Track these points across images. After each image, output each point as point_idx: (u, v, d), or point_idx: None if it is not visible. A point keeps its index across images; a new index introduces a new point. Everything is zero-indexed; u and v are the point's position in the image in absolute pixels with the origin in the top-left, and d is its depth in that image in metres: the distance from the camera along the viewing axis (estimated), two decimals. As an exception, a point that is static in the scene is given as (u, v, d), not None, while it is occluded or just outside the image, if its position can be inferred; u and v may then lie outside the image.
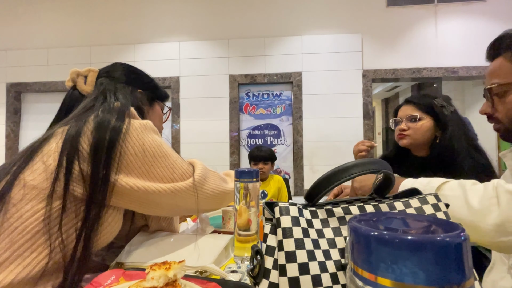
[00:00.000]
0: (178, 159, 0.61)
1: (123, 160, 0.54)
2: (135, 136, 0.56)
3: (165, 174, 0.57)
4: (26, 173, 0.51)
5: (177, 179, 0.59)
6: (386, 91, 5.67)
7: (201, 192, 0.62)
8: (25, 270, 0.46)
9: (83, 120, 0.56)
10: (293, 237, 0.38)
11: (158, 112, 0.82)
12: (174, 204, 0.60)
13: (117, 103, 0.62)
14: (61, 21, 3.29)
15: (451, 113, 1.05)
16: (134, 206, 0.58)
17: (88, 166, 0.52)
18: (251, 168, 0.58)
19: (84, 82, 0.71)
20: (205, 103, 3.07)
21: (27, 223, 0.48)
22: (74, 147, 0.52)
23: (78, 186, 0.51)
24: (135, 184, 0.54)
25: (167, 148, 0.60)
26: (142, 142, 0.56)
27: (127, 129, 0.56)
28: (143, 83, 0.77)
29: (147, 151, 0.56)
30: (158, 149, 0.58)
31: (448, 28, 2.88)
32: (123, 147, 0.54)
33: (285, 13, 3.03)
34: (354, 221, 0.30)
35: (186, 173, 0.61)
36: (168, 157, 0.59)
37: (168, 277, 0.40)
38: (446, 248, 0.24)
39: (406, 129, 1.09)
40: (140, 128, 0.58)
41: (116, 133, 0.54)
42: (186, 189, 0.59)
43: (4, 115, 3.29)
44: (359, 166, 0.43)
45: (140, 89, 0.75)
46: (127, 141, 0.55)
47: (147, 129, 0.59)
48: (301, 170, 2.93)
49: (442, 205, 0.45)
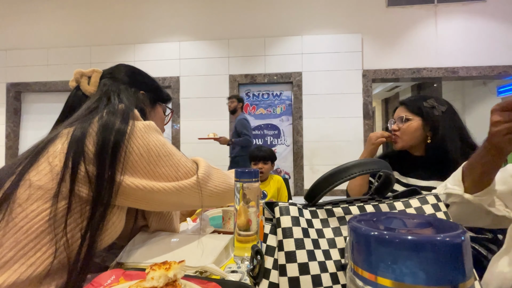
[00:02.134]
0: (182, 158, 0.62)
1: (128, 161, 0.55)
2: (139, 136, 0.57)
3: (170, 172, 0.58)
4: (32, 174, 0.52)
5: (182, 177, 0.60)
6: (386, 91, 5.67)
7: (205, 190, 0.63)
8: (29, 270, 0.47)
9: (88, 121, 0.57)
10: (293, 237, 0.38)
11: (160, 114, 0.83)
12: (179, 201, 0.62)
13: (121, 105, 0.63)
14: (61, 21, 3.29)
15: (443, 113, 1.06)
16: (139, 204, 0.59)
17: (93, 167, 0.53)
18: (251, 168, 0.58)
19: (88, 83, 0.72)
20: (205, 103, 3.07)
21: (32, 222, 0.48)
22: (80, 148, 0.53)
23: (83, 187, 0.52)
24: (141, 184, 0.55)
25: (171, 147, 0.61)
26: (147, 142, 0.57)
27: (132, 131, 0.57)
28: (145, 84, 0.77)
29: (152, 151, 0.57)
30: (163, 148, 0.59)
31: (448, 28, 2.88)
32: (128, 147, 0.55)
33: (285, 13, 3.03)
34: (354, 221, 0.30)
35: (191, 171, 0.61)
36: (172, 156, 0.60)
37: (168, 277, 0.40)
38: (446, 248, 0.24)
39: (397, 129, 1.12)
40: (144, 128, 0.58)
41: (121, 135, 0.55)
42: (190, 187, 0.60)
43: (4, 115, 3.29)
44: (359, 166, 0.43)
45: (142, 91, 0.75)
46: (132, 142, 0.56)
47: (151, 130, 0.60)
48: (301, 170, 2.93)
49: (442, 205, 0.45)
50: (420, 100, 1.11)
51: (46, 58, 3.28)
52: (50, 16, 3.30)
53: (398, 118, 1.13)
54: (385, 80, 3.04)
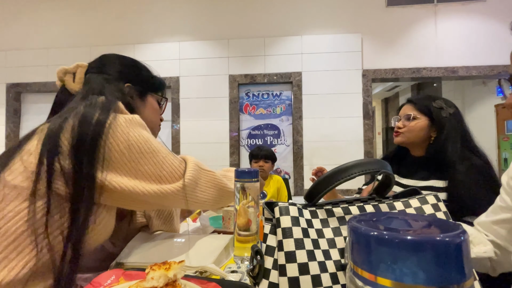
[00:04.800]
0: (169, 156, 0.58)
1: (108, 157, 0.51)
2: (119, 131, 0.53)
3: (153, 171, 0.54)
4: (7, 173, 0.50)
5: (166, 177, 0.55)
6: (386, 91, 5.66)
7: (192, 196, 0.58)
8: (11, 273, 0.45)
9: (63, 116, 0.54)
10: (293, 237, 0.38)
11: (152, 105, 0.76)
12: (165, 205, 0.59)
13: (101, 98, 0.59)
14: (61, 21, 3.29)
15: (450, 115, 1.06)
16: (124, 203, 0.56)
17: (69, 163, 0.50)
18: (251, 168, 0.58)
19: (73, 80, 0.68)
20: (205, 103, 3.07)
21: (10, 224, 0.47)
22: (55, 143, 0.50)
23: (60, 184, 0.50)
24: (123, 184, 0.52)
25: (156, 144, 0.57)
26: (127, 137, 0.53)
27: (111, 124, 0.53)
28: (132, 76, 0.72)
29: (133, 147, 0.53)
30: (145, 144, 0.54)
31: (448, 28, 2.88)
32: (107, 143, 0.51)
33: (285, 13, 3.03)
34: (354, 221, 0.30)
35: (177, 170, 0.57)
36: (157, 153, 0.55)
37: (168, 277, 0.40)
38: (446, 248, 0.24)
39: (401, 127, 1.11)
40: (126, 122, 0.54)
41: (99, 128, 0.51)
42: (174, 193, 0.55)
43: (4, 116, 3.29)
44: (359, 166, 0.43)
45: (128, 83, 0.70)
46: (111, 136, 0.52)
47: (133, 124, 0.55)
48: (301, 170, 2.93)
49: (442, 205, 0.45)
50: (429, 100, 1.10)
51: (46, 59, 3.28)
52: (50, 16, 3.30)
53: (404, 115, 1.12)
54: (385, 80, 3.04)
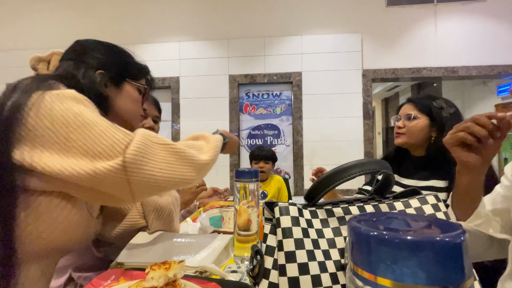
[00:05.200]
0: (109, 128, 0.49)
1: (33, 135, 0.46)
2: (42, 107, 0.47)
3: (86, 147, 0.46)
4: None
5: (102, 153, 0.46)
6: (386, 91, 5.66)
7: (138, 177, 0.48)
8: None
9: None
10: (293, 237, 0.38)
11: (131, 94, 0.69)
12: (101, 190, 0.49)
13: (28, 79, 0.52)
14: (61, 21, 3.29)
15: (451, 115, 1.05)
16: (61, 188, 0.49)
17: None
18: (251, 168, 0.58)
19: (47, 68, 0.63)
20: (205, 103, 3.07)
21: None
22: None
23: None
24: (51, 163, 0.45)
25: (92, 117, 0.49)
26: (50, 111, 0.47)
27: (35, 103, 0.47)
28: (106, 61, 0.66)
29: (57, 120, 0.47)
30: (75, 117, 0.47)
31: (448, 28, 2.88)
32: (29, 120, 0.46)
33: (285, 13, 3.03)
34: (354, 221, 0.30)
35: (119, 144, 0.48)
36: (91, 126, 0.47)
37: (168, 277, 0.40)
38: (446, 248, 0.24)
39: (402, 127, 1.11)
40: (51, 97, 0.48)
41: (14, 109, 0.46)
42: (111, 172, 0.45)
43: (4, 115, 3.29)
44: (359, 166, 0.43)
45: (102, 69, 0.64)
46: (34, 114, 0.46)
47: (60, 98, 0.49)
48: (301, 170, 2.93)
49: (442, 205, 0.45)
50: (429, 100, 1.10)
51: (46, 58, 3.28)
52: (50, 16, 3.30)
53: (405, 115, 1.12)
54: (385, 80, 3.04)
